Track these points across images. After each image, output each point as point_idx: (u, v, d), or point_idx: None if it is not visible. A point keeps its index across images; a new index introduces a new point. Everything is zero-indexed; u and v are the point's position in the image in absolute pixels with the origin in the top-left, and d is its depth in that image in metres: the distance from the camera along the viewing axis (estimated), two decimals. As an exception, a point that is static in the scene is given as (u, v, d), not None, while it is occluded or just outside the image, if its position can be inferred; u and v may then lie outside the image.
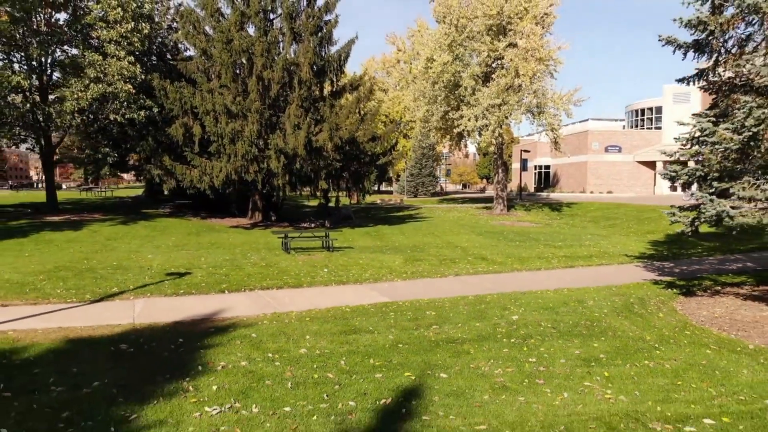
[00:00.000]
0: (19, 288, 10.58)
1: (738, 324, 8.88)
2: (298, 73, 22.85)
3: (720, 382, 6.39)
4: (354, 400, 5.44)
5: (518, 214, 33.67)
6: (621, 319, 8.85)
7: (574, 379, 6.21)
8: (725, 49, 9.79)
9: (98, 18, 21.02)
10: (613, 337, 7.88)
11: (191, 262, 14.01)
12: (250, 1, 23.74)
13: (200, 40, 23.16)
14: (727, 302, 10.29)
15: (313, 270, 13.32)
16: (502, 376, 6.21)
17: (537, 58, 30.03)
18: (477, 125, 30.85)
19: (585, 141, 49.47)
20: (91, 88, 20.06)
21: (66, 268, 12.72)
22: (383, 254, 16.42)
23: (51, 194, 24.16)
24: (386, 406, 5.36)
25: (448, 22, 32.42)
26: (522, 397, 5.62)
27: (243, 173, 21.62)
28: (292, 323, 8.36)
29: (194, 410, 5.24)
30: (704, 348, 7.59)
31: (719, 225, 9.04)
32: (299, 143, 21.03)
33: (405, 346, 7.23)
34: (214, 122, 21.04)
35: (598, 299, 10.26)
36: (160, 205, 29.62)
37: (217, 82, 22.78)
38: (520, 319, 8.69)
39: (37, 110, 21.75)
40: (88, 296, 10.03)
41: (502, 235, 22.52)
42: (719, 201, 8.70)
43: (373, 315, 8.96)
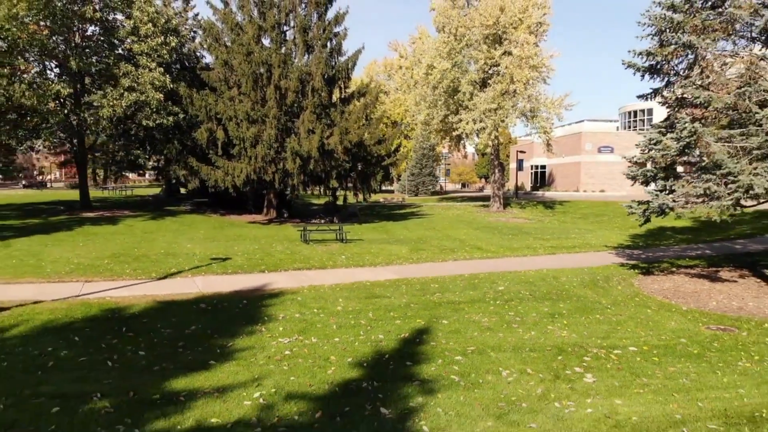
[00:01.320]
0: (93, 269, 12.81)
1: (680, 294, 11.12)
2: (310, 81, 25.05)
3: (650, 328, 8.63)
4: (382, 335, 7.69)
5: (514, 211, 35.88)
6: (585, 290, 11.12)
7: (540, 325, 8.47)
8: (675, 72, 12.03)
9: (129, 32, 23.22)
10: (576, 301, 10.14)
11: (227, 250, 16.24)
12: (266, 15, 25.98)
13: (221, 52, 25.36)
14: (677, 279, 12.54)
15: (332, 257, 15.55)
16: (487, 323, 8.46)
17: (530, 66, 32.27)
18: (475, 128, 33.10)
19: (579, 142, 51.70)
20: (125, 97, 22.28)
21: (122, 254, 14.95)
22: (390, 245, 18.64)
23: (84, 192, 26.40)
24: (405, 338, 7.62)
25: (448, 31, 34.68)
26: (501, 334, 7.88)
27: (262, 173, 23.85)
28: (326, 292, 10.62)
29: (271, 340, 7.49)
30: (646, 308, 9.84)
31: (664, 215, 11.27)
32: (313, 146, 23.25)
33: (415, 305, 9.49)
34: (236, 127, 23.27)
35: (570, 276, 12.52)
36: (180, 203, 31.85)
37: (236, 91, 25.00)
38: (504, 289, 10.95)
39: (72, 115, 23.99)
40: (154, 274, 12.27)
41: (496, 229, 24.74)
42: (662, 195, 10.94)
43: (389, 287, 11.21)
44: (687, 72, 11.53)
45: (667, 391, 5.95)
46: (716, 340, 8.08)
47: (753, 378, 6.50)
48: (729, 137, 10.89)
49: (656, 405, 5.57)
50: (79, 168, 26.79)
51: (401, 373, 6.24)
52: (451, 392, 5.69)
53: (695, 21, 10.68)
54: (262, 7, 26.41)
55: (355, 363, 6.58)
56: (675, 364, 6.89)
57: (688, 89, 10.65)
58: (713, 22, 10.68)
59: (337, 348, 7.14)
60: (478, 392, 5.72)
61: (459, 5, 36.38)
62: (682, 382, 6.25)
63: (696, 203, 10.59)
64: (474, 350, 7.12)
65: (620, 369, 6.63)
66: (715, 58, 10.94)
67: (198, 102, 23.82)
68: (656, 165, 11.77)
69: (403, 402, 5.43)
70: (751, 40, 11.60)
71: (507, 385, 5.96)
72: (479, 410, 5.26)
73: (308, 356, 6.83)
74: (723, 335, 8.34)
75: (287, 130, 25.06)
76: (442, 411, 5.23)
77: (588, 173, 50.81)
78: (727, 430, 5.06)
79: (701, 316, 9.51)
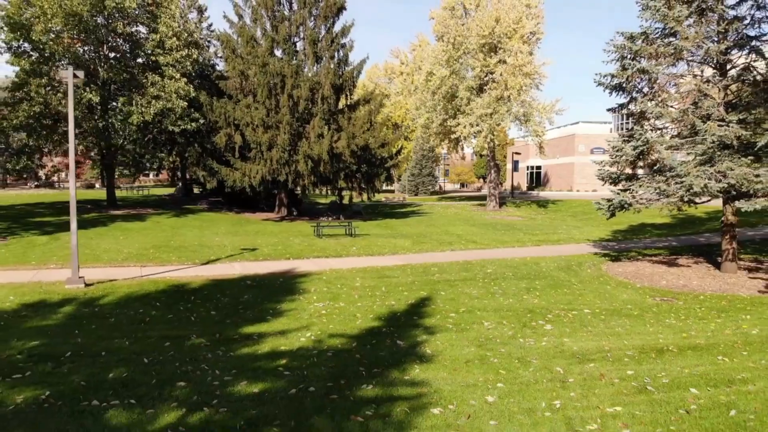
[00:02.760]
0: (142, 257, 15.03)
1: (638, 275, 13.36)
2: (320, 90, 27.27)
3: (606, 299, 10.87)
4: (394, 301, 9.94)
5: (509, 210, 38.13)
6: (560, 272, 13.36)
7: (518, 295, 10.71)
8: (636, 89, 14.26)
9: (156, 45, 25.42)
10: (549, 280, 12.39)
11: (251, 242, 18.46)
12: (279, 28, 28.21)
13: (238, 63, 27.57)
14: (639, 264, 14.78)
15: (345, 248, 17.78)
16: (476, 294, 10.71)
17: (524, 73, 34.53)
18: (472, 131, 35.35)
19: (572, 144, 53.97)
20: (153, 104, 24.48)
21: (161, 245, 17.17)
22: (395, 239, 20.87)
23: (111, 192, 28.62)
24: (412, 302, 9.86)
25: (446, 40, 36.92)
26: (486, 301, 10.13)
27: (277, 174, 26.07)
28: (345, 273, 12.86)
29: (308, 305, 9.73)
30: (607, 285, 12.08)
31: (626, 210, 13.49)
32: (323, 150, 25.47)
33: (419, 282, 11.73)
34: (253, 132, 25.49)
35: (549, 262, 14.76)
36: (196, 202, 34.06)
37: (251, 98, 27.20)
38: (492, 271, 13.19)
39: (101, 121, 26.19)
40: (197, 261, 14.50)
41: (491, 226, 26.99)
42: (622, 193, 13.18)
43: (396, 270, 13.44)
44: (645, 91, 13.76)
45: (603, 335, 8.19)
46: (656, 306, 10.32)
47: (673, 329, 8.73)
48: (678, 145, 13.15)
49: (592, 342, 7.80)
50: (106, 170, 29.02)
51: (410, 323, 8.49)
52: (446, 333, 7.94)
53: (650, 49, 12.91)
54: (275, 21, 28.65)
55: (375, 317, 8.82)
56: (616, 320, 9.13)
57: (645, 105, 12.88)
58: (665, 50, 12.91)
59: (360, 309, 9.38)
60: (465, 334, 7.96)
61: (457, 15, 38.68)
62: (617, 330, 8.49)
63: (651, 200, 12.83)
64: (464, 310, 9.36)
65: (573, 322, 8.87)
66: (666, 80, 13.18)
67: (218, 109, 26.05)
68: (620, 168, 14.01)
69: (412, 338, 7.67)
70: (701, 63, 13.84)
71: (487, 330, 8.20)
72: (466, 342, 7.50)
73: (339, 314, 9.07)
74: (662, 304, 10.57)
75: (298, 134, 27.26)
76: (440, 343, 7.47)
77: (581, 174, 53.05)
78: (639, 356, 7.28)
79: (651, 291, 11.74)
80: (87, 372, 6.28)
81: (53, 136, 25.72)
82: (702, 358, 7.16)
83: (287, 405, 5.26)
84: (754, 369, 6.69)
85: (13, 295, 10.26)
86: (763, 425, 5.00)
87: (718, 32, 12.81)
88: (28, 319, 8.69)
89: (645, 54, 13.01)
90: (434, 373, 6.23)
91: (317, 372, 6.22)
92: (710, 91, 13.31)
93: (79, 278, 11.06)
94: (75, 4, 23.26)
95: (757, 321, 9.20)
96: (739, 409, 5.35)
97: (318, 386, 5.75)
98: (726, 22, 12.74)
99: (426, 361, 6.69)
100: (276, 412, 5.08)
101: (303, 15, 28.49)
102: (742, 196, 12.61)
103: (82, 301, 9.88)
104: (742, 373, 6.52)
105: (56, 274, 12.31)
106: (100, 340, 7.61)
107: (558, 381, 6.09)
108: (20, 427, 4.86)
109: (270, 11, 28.56)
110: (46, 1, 23.32)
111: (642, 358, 7.10)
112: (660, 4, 12.95)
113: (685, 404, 5.48)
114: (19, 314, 9.00)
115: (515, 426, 4.87)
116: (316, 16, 28.79)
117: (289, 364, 6.50)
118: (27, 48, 25.11)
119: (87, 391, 5.70)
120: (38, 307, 9.46)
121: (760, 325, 8.88)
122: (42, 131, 25.23)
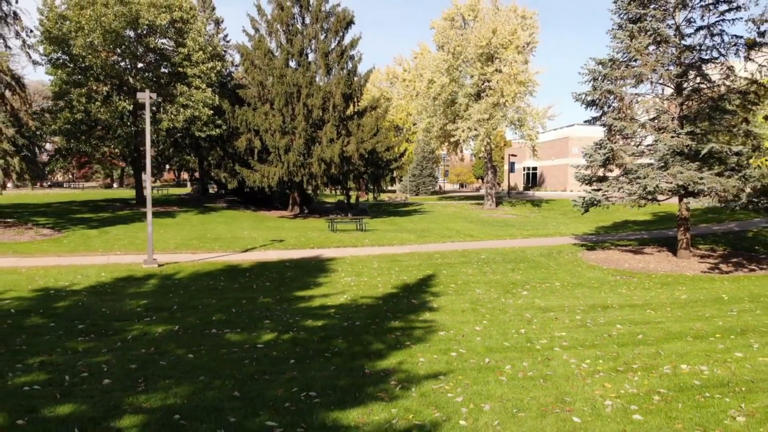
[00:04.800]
0: (189, 246, 17.70)
1: (607, 260, 16.04)
2: (331, 99, 29.95)
3: (575, 276, 13.55)
4: (406, 276, 12.65)
5: (505, 208, 40.81)
6: (541, 258, 16.06)
7: (504, 273, 13.42)
8: (607, 105, 16.95)
9: (184, 58, 28.09)
10: (531, 263, 15.09)
11: (276, 235, 21.13)
12: (293, 42, 30.89)
13: (257, 74, 30.26)
14: (610, 252, 17.47)
15: (358, 240, 20.45)
16: (471, 272, 13.42)
17: (518, 82, 37.24)
18: (470, 135, 38.07)
19: (566, 146, 56.62)
20: (182, 112, 27.16)
21: (201, 237, 19.84)
22: (401, 233, 23.55)
23: (139, 191, 31.29)
24: (420, 278, 12.58)
25: (447, 50, 39.65)
26: (479, 277, 12.83)
27: (293, 176, 28.77)
28: (363, 258, 15.55)
29: (339, 279, 12.42)
30: (578, 267, 14.77)
31: (596, 206, 16.18)
32: (335, 153, 28.16)
33: (425, 265, 14.43)
34: (271, 137, 28.18)
35: (533, 250, 17.47)
36: (214, 201, 36.74)
37: (268, 106, 29.87)
38: (485, 257, 15.90)
39: (132, 127, 28.85)
40: (237, 249, 17.18)
41: (487, 223, 29.69)
42: (593, 192, 15.88)
43: (405, 256, 16.14)
44: (615, 106, 16.47)
45: (565, 298, 10.88)
46: (614, 281, 13.02)
47: (622, 296, 11.42)
48: (642, 152, 15.87)
49: (556, 302, 10.49)
50: (135, 171, 31.71)
51: (420, 290, 11.19)
52: (447, 296, 10.64)
53: (615, 73, 15.61)
54: (289, 35, 31.34)
55: (393, 287, 11.52)
56: (579, 290, 11.83)
57: (611, 120, 15.59)
58: (628, 74, 15.60)
59: (380, 282, 12.07)
60: (462, 296, 10.66)
61: (457, 26, 41.45)
62: (577, 295, 11.18)
63: (616, 198, 15.54)
64: (461, 283, 12.06)
65: (545, 291, 11.56)
66: (630, 98, 15.87)
67: (239, 116, 28.74)
68: (593, 171, 16.71)
69: (422, 298, 10.37)
70: (660, 84, 16.53)
71: (478, 295, 10.90)
72: (462, 301, 10.20)
73: (365, 285, 11.77)
74: (620, 280, 13.27)
75: (312, 139, 29.94)
76: (443, 301, 10.17)
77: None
78: (588, 309, 9.95)
79: (614, 271, 14.44)
80: (196, 316, 8.97)
81: (91, 140, 28.36)
82: (635, 311, 9.86)
83: (343, 330, 7.96)
84: (670, 317, 9.40)
85: (104, 272, 12.94)
86: (656, 340, 7.70)
87: (672, 59, 15.52)
88: (127, 288, 11.37)
89: (611, 77, 15.71)
90: (439, 316, 8.93)
91: (358, 315, 8.92)
92: (669, 107, 16.03)
93: (153, 260, 13.75)
94: (111, 20, 25.91)
95: (689, 291, 11.91)
96: (645, 335, 8.06)
97: (360, 322, 8.45)
98: (679, 50, 15.45)
99: (433, 311, 9.39)
100: (336, 334, 7.77)
101: (315, 29, 31.16)
102: (691, 195, 15.32)
103: (161, 276, 12.58)
104: (659, 319, 9.22)
105: (127, 258, 15.01)
106: (192, 299, 10.30)
107: (525, 321, 8.80)
108: (171, 342, 7.54)
109: (285, 26, 31.24)
110: (83, 17, 25.99)
111: (590, 310, 9.80)
112: (624, 36, 15.66)
113: (609, 332, 8.19)
114: (118, 285, 11.67)
115: (493, 340, 7.57)
116: (327, 30, 31.47)
117: (336, 312, 9.20)
118: (65, 59, 27.76)
119: (203, 326, 8.39)
120: (129, 280, 12.14)
121: (689, 293, 11.60)
122: (81, 136, 27.87)
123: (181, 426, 4.78)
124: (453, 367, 6.34)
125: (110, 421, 4.90)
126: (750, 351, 7.31)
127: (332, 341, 7.39)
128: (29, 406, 5.33)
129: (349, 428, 4.74)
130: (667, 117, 15.57)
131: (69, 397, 5.53)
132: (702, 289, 12.03)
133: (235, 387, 5.63)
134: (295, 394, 5.47)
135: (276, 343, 7.35)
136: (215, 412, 5.02)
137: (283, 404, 5.19)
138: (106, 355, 6.92)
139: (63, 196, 40.31)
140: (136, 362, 6.56)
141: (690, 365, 6.66)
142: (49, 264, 13.94)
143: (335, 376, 6.01)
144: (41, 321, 8.69)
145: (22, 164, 20.14)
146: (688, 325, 8.68)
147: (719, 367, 6.60)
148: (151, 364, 6.52)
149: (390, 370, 6.25)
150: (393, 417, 4.94)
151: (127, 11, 26.19)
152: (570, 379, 6.08)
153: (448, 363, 6.54)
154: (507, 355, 6.87)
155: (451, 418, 4.94)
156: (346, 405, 5.19)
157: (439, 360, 6.63)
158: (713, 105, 15.24)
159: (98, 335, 7.84)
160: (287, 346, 7.25)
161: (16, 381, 6.04)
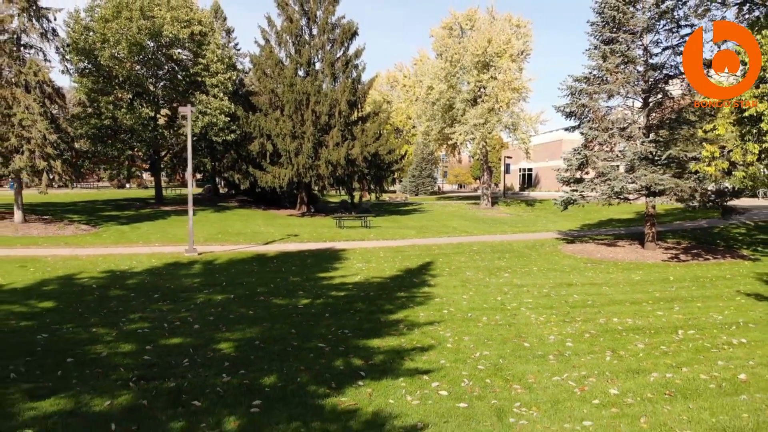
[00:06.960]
0: (216, 239, 20.06)
1: (583, 251, 18.43)
2: (338, 105, 32.33)
3: (551, 263, 15.93)
4: (408, 263, 15.04)
5: (500, 208, 43.19)
6: (525, 249, 18.45)
7: (492, 261, 15.81)
8: (584, 116, 19.35)
9: (203, 68, 30.47)
10: (516, 253, 17.49)
11: (290, 231, 23.50)
12: (302, 52, 33.29)
13: (269, 82, 32.65)
14: (587, 245, 19.86)
15: (364, 235, 22.84)
16: (463, 260, 15.81)
17: (512, 88, 39.65)
18: (466, 138, 40.49)
19: (560, 148, 58.87)
20: (200, 119, 29.52)
21: (223, 232, 22.20)
22: (402, 230, 25.93)
23: (159, 191, 33.69)
24: (421, 264, 14.97)
25: (445, 58, 42.04)
26: (469, 263, 15.23)
27: (302, 177, 31.16)
28: (370, 249, 17.94)
29: (352, 265, 14.81)
30: (556, 257, 17.16)
31: (573, 204, 18.56)
32: (341, 156, 30.55)
33: (424, 254, 16.83)
34: (282, 141, 30.56)
35: (519, 243, 19.86)
36: (226, 200, 39.12)
37: (279, 113, 32.25)
38: (476, 249, 18.30)
39: (154, 131, 31.23)
40: (259, 241, 19.55)
41: (482, 220, 32.08)
42: (571, 192, 18.28)
43: (407, 248, 18.53)
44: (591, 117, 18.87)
45: (539, 278, 13.27)
46: (584, 267, 15.40)
47: (586, 277, 13.77)
48: (614, 157, 18.28)
49: (531, 280, 12.87)
50: (154, 173, 34.09)
51: (420, 273, 13.58)
52: (442, 277, 13.03)
53: (589, 89, 18.01)
54: (298, 45, 33.72)
55: (398, 270, 13.91)
56: (552, 273, 14.21)
57: (588, 129, 18.00)
58: (600, 89, 18.00)
59: (387, 267, 14.47)
60: (454, 277, 13.06)
61: (455, 34, 43.90)
62: (550, 277, 13.57)
63: (590, 197, 17.94)
64: (455, 267, 14.46)
65: (523, 274, 13.96)
66: (603, 111, 18.28)
67: (252, 122, 31.12)
68: (571, 174, 19.11)
69: (422, 278, 12.77)
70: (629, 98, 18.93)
71: (468, 276, 13.29)
72: (454, 280, 12.59)
73: (375, 269, 14.15)
74: (589, 266, 15.65)
75: (319, 143, 32.33)
76: (439, 280, 12.56)
77: (567, 176, 58.18)
78: (555, 286, 12.31)
79: (587, 260, 16.82)
80: (243, 289, 11.35)
81: (117, 144, 30.75)
82: (593, 287, 12.26)
83: (361, 297, 10.36)
84: (619, 291, 11.80)
85: (153, 259, 15.31)
86: (601, 305, 10.09)
87: (638, 77, 17.93)
88: (179, 270, 13.74)
89: (587, 92, 18.11)
90: (435, 290, 11.33)
91: (371, 289, 11.32)
92: (637, 118, 18.44)
93: (193, 249, 16.13)
94: (135, 33, 28.26)
95: (644, 274, 14.30)
96: (593, 302, 10.46)
97: (374, 293, 10.85)
98: (645, 69, 17.85)
99: (431, 286, 11.78)
100: (357, 299, 10.17)
101: (322, 40, 33.54)
102: (654, 194, 17.72)
103: (203, 262, 14.96)
104: (610, 293, 11.63)
105: (167, 249, 17.38)
106: (235, 278, 12.68)
107: (502, 292, 11.20)
108: (232, 305, 9.91)
109: (294, 37, 33.63)
110: (108, 30, 28.33)
111: (556, 286, 12.21)
112: (598, 56, 18.06)
113: (567, 300, 10.59)
114: (169, 268, 14.04)
115: (475, 304, 9.97)
116: (333, 40, 33.86)
117: (354, 287, 11.60)
118: (91, 69, 30.09)
119: (251, 295, 10.77)
120: (176, 265, 14.51)
121: (643, 276, 14.00)
122: (107, 140, 30.25)
123: (261, 347, 7.17)
124: (444, 318, 8.74)
125: (212, 345, 7.29)
126: (670, 312, 9.72)
127: (354, 303, 9.78)
128: (148, 339, 7.71)
129: (372, 348, 7.13)
130: (635, 127, 17.98)
131: (174, 334, 7.92)
132: (655, 273, 14.43)
133: (291, 327, 8.03)
134: (334, 331, 7.87)
135: (312, 305, 9.75)
136: (282, 340, 7.42)
137: (326, 336, 7.59)
138: (186, 312, 9.30)
139: (83, 196, 42.63)
140: (212, 316, 8.95)
141: (620, 318, 9.06)
142: (103, 253, 16.32)
143: (360, 322, 8.41)
144: (122, 293, 11.07)
145: (63, 167, 22.50)
146: (631, 297, 11.09)
147: (641, 320, 9.00)
148: (223, 317, 8.90)
149: (399, 320, 8.64)
150: (402, 343, 7.34)
151: (151, 25, 28.55)
152: (528, 325, 8.47)
153: (440, 316, 8.94)
154: (484, 312, 9.28)
155: (441, 344, 7.34)
156: (369, 337, 7.59)
157: (434, 315, 9.03)
158: (675, 117, 17.65)
159: (173, 301, 10.22)
160: (321, 306, 9.64)
161: (128, 327, 8.42)
